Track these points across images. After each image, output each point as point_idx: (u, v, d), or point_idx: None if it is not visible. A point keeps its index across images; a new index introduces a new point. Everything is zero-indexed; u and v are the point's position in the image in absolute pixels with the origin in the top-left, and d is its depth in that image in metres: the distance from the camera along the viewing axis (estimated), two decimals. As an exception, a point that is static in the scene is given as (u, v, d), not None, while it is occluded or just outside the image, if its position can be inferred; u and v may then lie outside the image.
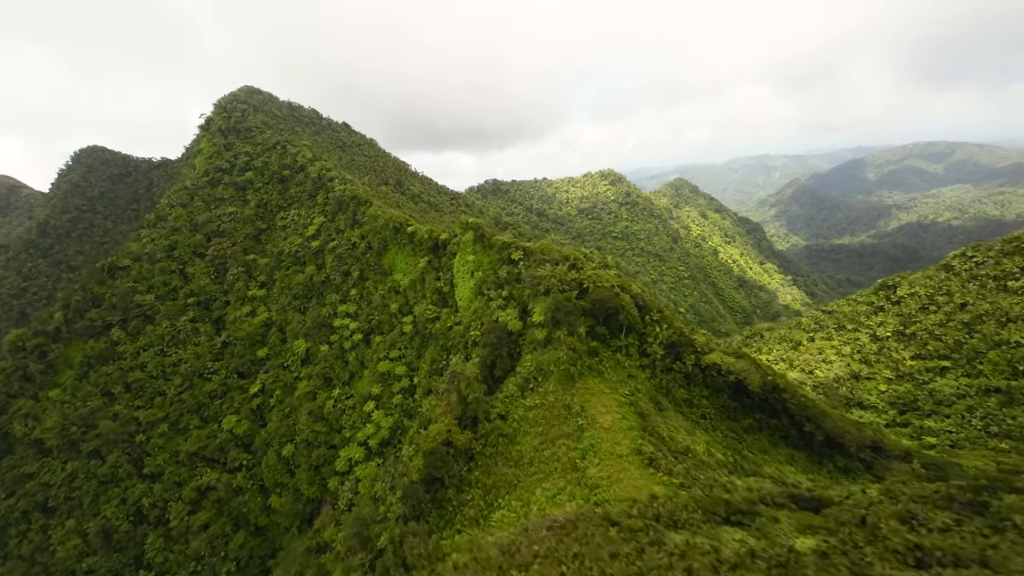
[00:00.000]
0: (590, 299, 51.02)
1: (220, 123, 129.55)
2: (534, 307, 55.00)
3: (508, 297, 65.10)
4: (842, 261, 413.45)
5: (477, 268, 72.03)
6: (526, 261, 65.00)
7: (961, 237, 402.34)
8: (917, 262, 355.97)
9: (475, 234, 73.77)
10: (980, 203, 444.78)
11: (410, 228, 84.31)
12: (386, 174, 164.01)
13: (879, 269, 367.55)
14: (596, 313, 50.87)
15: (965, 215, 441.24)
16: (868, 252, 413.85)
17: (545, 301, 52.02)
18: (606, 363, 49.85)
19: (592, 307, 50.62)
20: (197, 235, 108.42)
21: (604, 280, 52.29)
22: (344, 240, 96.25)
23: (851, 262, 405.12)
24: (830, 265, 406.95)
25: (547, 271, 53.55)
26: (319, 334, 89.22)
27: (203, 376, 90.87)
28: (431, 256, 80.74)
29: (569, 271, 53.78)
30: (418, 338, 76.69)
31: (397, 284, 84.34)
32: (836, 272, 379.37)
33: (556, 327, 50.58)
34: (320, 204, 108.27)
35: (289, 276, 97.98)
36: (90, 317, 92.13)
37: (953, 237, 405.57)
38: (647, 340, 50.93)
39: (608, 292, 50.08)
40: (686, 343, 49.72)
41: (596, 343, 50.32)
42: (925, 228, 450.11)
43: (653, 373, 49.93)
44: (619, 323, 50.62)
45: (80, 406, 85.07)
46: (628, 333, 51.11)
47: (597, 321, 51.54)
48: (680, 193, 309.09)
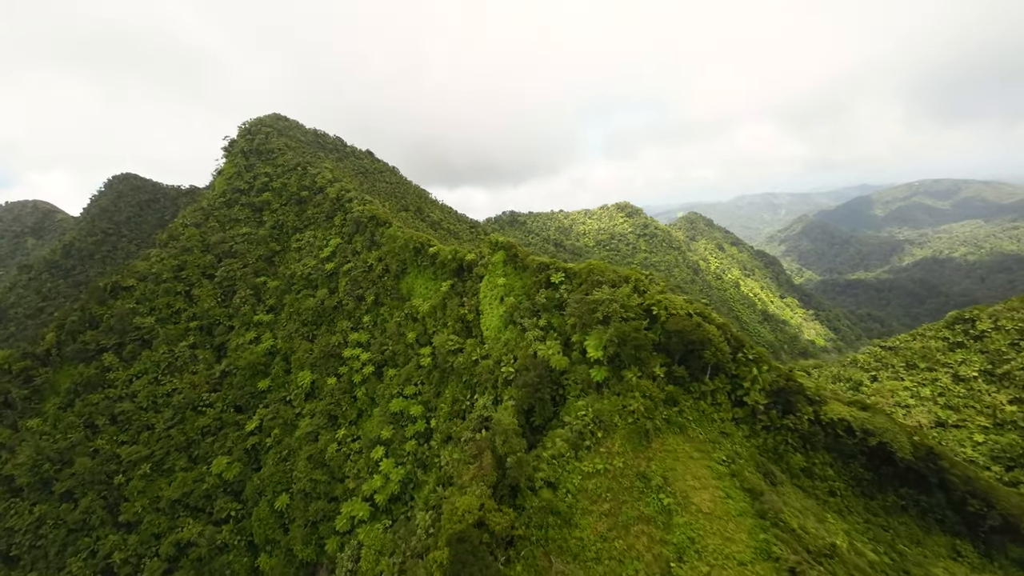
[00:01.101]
0: (664, 330, 38.31)
1: (243, 145, 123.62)
2: (587, 339, 42.42)
3: (547, 327, 52.67)
4: (860, 296, 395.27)
5: (508, 293, 60.14)
6: (569, 284, 52.96)
7: (980, 271, 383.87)
8: (937, 297, 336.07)
9: (506, 254, 62.35)
10: (995, 238, 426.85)
11: (432, 248, 73.44)
12: (407, 201, 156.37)
13: (898, 304, 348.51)
14: (672, 349, 38.08)
15: (981, 250, 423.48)
16: (885, 287, 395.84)
17: (603, 332, 39.49)
18: (689, 415, 36.58)
19: (667, 341, 37.84)
20: (208, 255, 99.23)
21: (679, 306, 39.74)
22: (360, 262, 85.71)
23: (869, 297, 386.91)
24: (848, 299, 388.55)
25: (605, 294, 41.27)
26: (326, 365, 77.06)
27: (197, 409, 78.63)
28: (454, 280, 69.27)
29: (632, 294, 41.38)
30: (437, 373, 64.00)
31: (415, 310, 72.59)
32: (855, 307, 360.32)
33: (620, 365, 37.73)
34: (337, 225, 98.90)
35: (299, 300, 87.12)
36: (83, 340, 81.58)
37: (972, 272, 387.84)
38: (740, 384, 37.66)
39: (687, 322, 37.44)
40: (795, 390, 36.30)
41: (673, 387, 37.23)
42: (941, 263, 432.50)
43: (753, 430, 36.40)
44: (703, 362, 37.62)
45: (60, 439, 73.09)
46: (715, 375, 37.99)
47: (673, 359, 38.64)
48: (695, 226, 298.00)
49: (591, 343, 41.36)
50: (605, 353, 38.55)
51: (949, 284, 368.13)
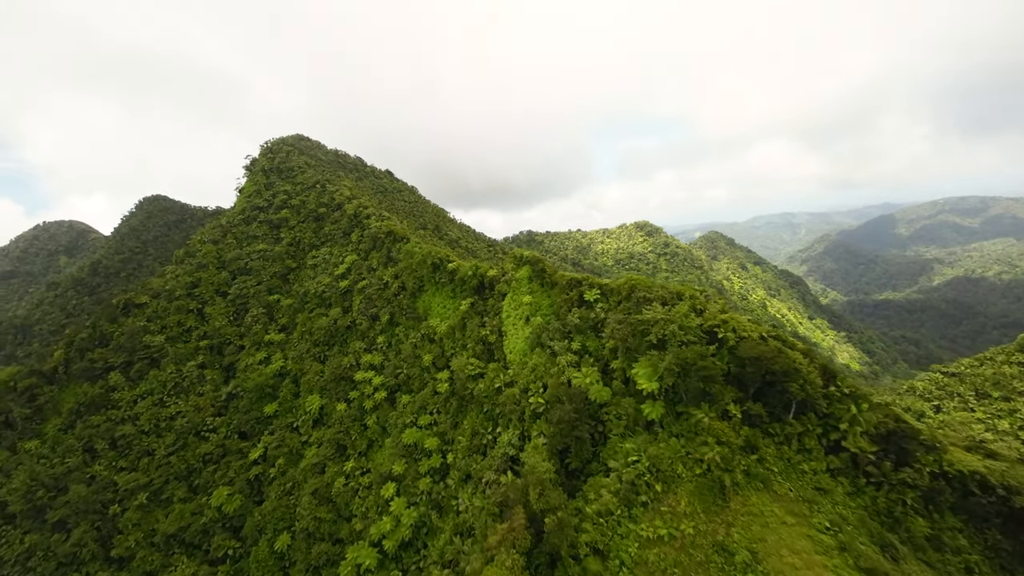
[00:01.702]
0: (734, 358, 31.06)
1: (264, 163, 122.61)
2: (634, 367, 35.34)
3: (581, 351, 45.71)
4: (891, 317, 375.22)
5: (534, 312, 53.57)
6: (606, 303, 46.18)
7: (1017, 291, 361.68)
8: (974, 318, 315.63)
9: (532, 270, 56.11)
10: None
11: (451, 264, 67.82)
12: (425, 219, 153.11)
13: (932, 325, 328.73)
14: (746, 380, 30.73)
15: (1016, 268, 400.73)
16: (917, 308, 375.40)
17: (657, 359, 32.44)
18: (772, 464, 28.86)
19: (739, 370, 30.55)
20: (223, 272, 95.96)
21: (749, 328, 32.54)
22: (375, 279, 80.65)
23: (900, 318, 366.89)
24: (878, 321, 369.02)
25: (658, 314, 34.30)
26: (337, 389, 71.05)
27: (200, 434, 73.17)
28: (475, 298, 63.18)
29: (690, 313, 34.31)
30: (455, 400, 57.17)
31: (432, 331, 66.47)
32: (886, 328, 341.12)
33: (678, 399, 30.46)
34: (354, 242, 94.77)
35: (312, 319, 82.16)
36: (91, 358, 77.77)
37: (1008, 291, 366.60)
38: (834, 426, 29.87)
39: (764, 347, 30.16)
40: (908, 434, 28.39)
41: (750, 429, 29.69)
42: (975, 283, 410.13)
43: (855, 485, 28.41)
44: (786, 397, 30.08)
45: (57, 463, 68.28)
46: (800, 413, 30.33)
47: (746, 393, 31.22)
48: (716, 245, 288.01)
49: (640, 372, 34.21)
50: (661, 384, 31.38)
51: (985, 304, 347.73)
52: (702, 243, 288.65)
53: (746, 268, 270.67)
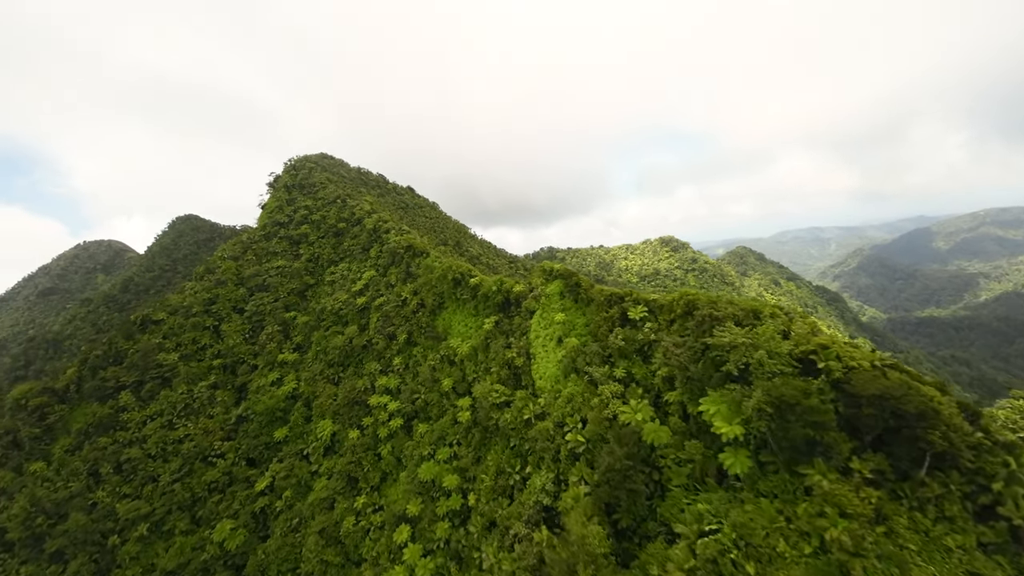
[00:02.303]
0: (844, 395, 23.74)
1: (287, 180, 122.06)
2: (702, 403, 28.25)
3: (626, 379, 38.74)
4: (936, 335, 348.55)
5: (568, 332, 47.01)
6: (655, 321, 39.32)
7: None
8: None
9: (564, 284, 49.83)
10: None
11: (473, 279, 62.27)
12: (446, 235, 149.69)
13: (982, 344, 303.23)
14: (860, 425, 23.27)
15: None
16: (965, 325, 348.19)
17: (742, 395, 25.32)
18: (906, 539, 21.07)
19: (852, 412, 23.18)
20: (241, 289, 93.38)
21: (858, 356, 25.23)
22: (393, 296, 75.86)
23: (947, 336, 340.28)
24: (922, 339, 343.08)
25: (737, 336, 27.32)
26: (350, 414, 65.53)
27: (207, 459, 68.56)
28: (499, 316, 57.10)
29: (776, 336, 27.16)
30: (477, 432, 50.54)
31: (453, 352, 60.52)
32: (932, 347, 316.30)
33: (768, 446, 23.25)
34: (373, 257, 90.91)
35: (327, 338, 77.64)
36: (103, 376, 75.04)
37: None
38: (984, 486, 21.93)
39: (886, 382, 22.72)
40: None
41: (874, 491, 22.08)
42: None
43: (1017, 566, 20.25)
44: (917, 448, 22.42)
45: (60, 487, 64.60)
46: (935, 469, 22.55)
47: (862, 441, 23.73)
48: (745, 261, 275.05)
49: (714, 409, 27.08)
50: (749, 428, 24.22)
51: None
52: (730, 259, 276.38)
53: (779, 284, 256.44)
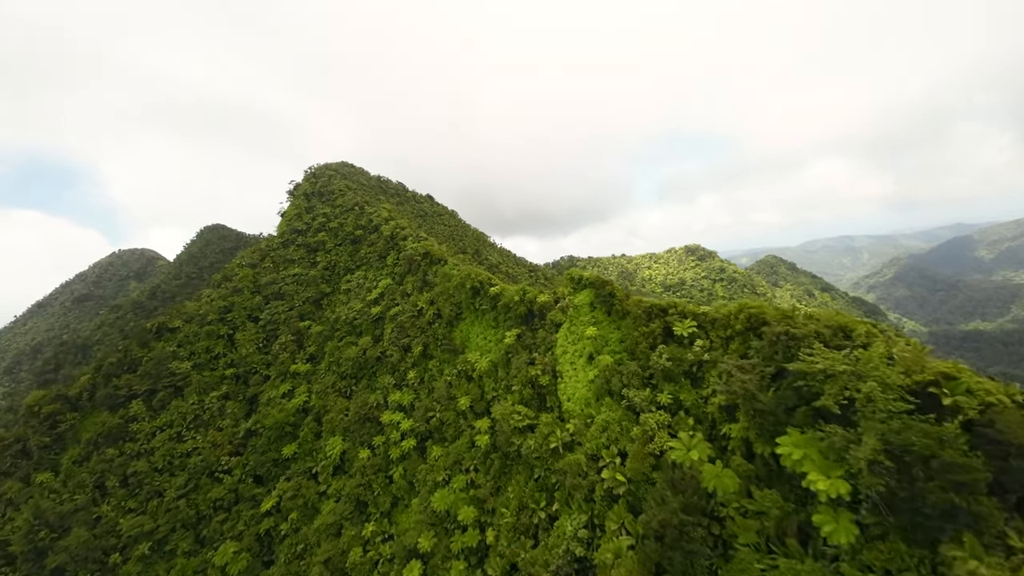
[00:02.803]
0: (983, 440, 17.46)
1: (306, 187, 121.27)
2: (789, 446, 22.22)
3: (673, 406, 32.85)
4: (982, 350, 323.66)
5: (600, 349, 41.44)
6: (706, 338, 33.42)
7: None
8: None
9: (596, 294, 44.40)
10: None
11: (493, 288, 57.47)
12: (465, 243, 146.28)
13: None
14: (1011, 482, 16.84)
15: None
16: (1015, 340, 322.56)
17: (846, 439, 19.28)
18: None
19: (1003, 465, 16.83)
20: (257, 297, 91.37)
21: (994, 389, 18.88)
22: (409, 305, 71.81)
23: (995, 352, 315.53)
24: (968, 354, 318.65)
25: (835, 362, 21.27)
26: (361, 431, 61.19)
27: (214, 475, 65.30)
28: (522, 328, 51.92)
29: (883, 364, 21.02)
30: (497, 459, 45.19)
31: (471, 367, 55.54)
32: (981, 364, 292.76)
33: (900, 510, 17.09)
34: (389, 265, 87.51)
35: (340, 349, 74.06)
36: (115, 384, 73.31)
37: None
38: None
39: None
40: None
41: None
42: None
43: None
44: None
45: (66, 500, 62.24)
46: None
47: (1003, 502, 17.28)
48: (776, 271, 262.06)
49: (799, 453, 21.11)
50: (860, 483, 18.18)
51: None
52: (759, 268, 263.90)
53: (813, 295, 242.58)
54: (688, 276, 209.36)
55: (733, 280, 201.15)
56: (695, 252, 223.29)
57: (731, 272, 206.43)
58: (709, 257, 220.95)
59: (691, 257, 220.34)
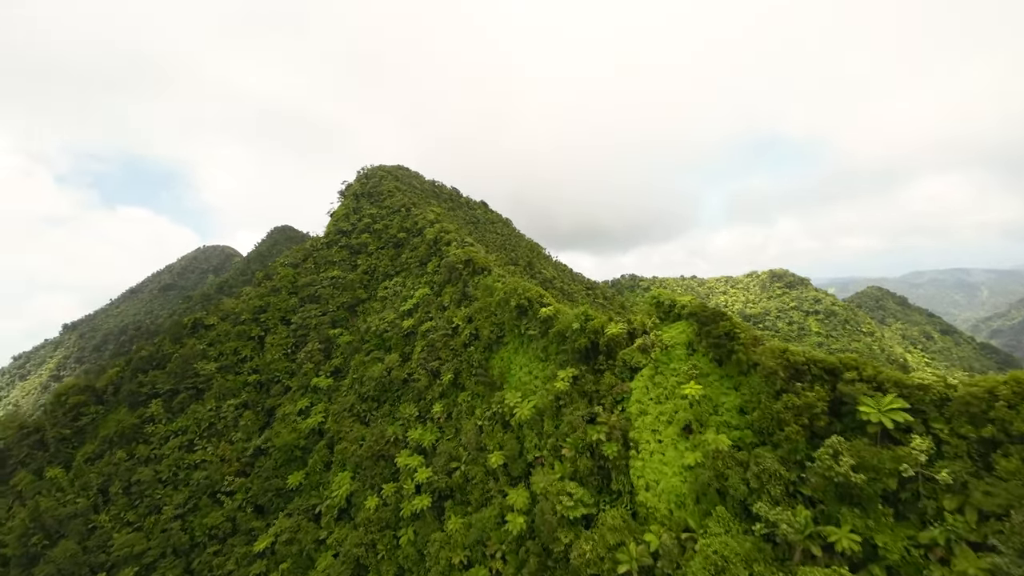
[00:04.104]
0: None
1: (356, 188, 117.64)
2: None
3: (859, 556, 17.23)
4: None
5: (705, 418, 26.72)
6: (926, 431, 17.61)
7: None
8: None
9: (698, 330, 29.72)
10: None
11: (545, 309, 44.48)
12: (517, 254, 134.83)
13: None
14: None
15: None
16: None
17: None
18: None
19: None
20: (293, 298, 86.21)
21: None
22: (443, 322, 60.94)
23: None
24: None
25: None
26: (373, 471, 50.47)
27: (215, 495, 58.05)
28: (580, 368, 38.23)
29: None
30: (535, 553, 31.51)
31: (508, 411, 42.57)
32: None
33: None
34: (429, 273, 78.02)
35: (366, 365, 64.88)
36: (140, 380, 69.92)
37: None
38: None
39: None
40: None
41: None
42: None
43: None
44: None
45: (68, 502, 57.90)
46: None
47: None
48: (882, 305, 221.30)
49: None
50: None
51: None
52: (861, 301, 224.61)
53: (931, 338, 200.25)
54: (773, 306, 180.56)
55: (832, 314, 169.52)
56: (782, 278, 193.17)
57: (828, 304, 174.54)
58: (800, 285, 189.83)
59: (777, 284, 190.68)
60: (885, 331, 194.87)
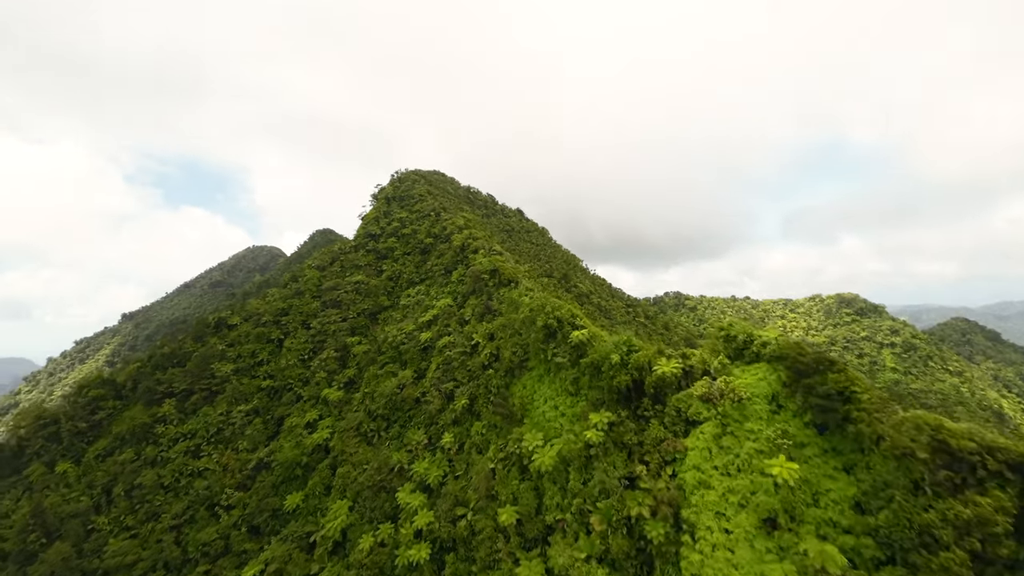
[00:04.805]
0: None
1: (389, 191, 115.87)
2: None
3: None
4: None
5: (799, 510, 18.61)
6: None
7: None
8: None
9: (789, 378, 21.49)
10: None
11: (577, 333, 37.29)
12: (552, 266, 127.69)
13: None
14: None
15: None
16: None
17: None
18: None
19: None
20: (315, 302, 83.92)
21: None
22: (462, 338, 55.03)
23: None
24: None
25: None
26: (372, 504, 44.85)
27: (213, 509, 54.63)
28: (619, 413, 30.69)
29: None
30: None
31: (526, 454, 35.47)
32: None
33: None
34: (454, 282, 72.91)
35: (379, 379, 60.12)
36: (158, 378, 69.03)
37: None
38: None
39: None
40: None
41: None
42: None
43: None
44: None
45: (72, 499, 56.63)
46: None
47: None
48: (969, 340, 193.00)
49: None
50: None
51: None
52: (944, 333, 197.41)
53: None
54: (840, 334, 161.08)
55: (911, 348, 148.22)
56: (851, 304, 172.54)
57: (908, 336, 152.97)
58: (873, 312, 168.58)
59: (845, 310, 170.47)
60: (974, 370, 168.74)
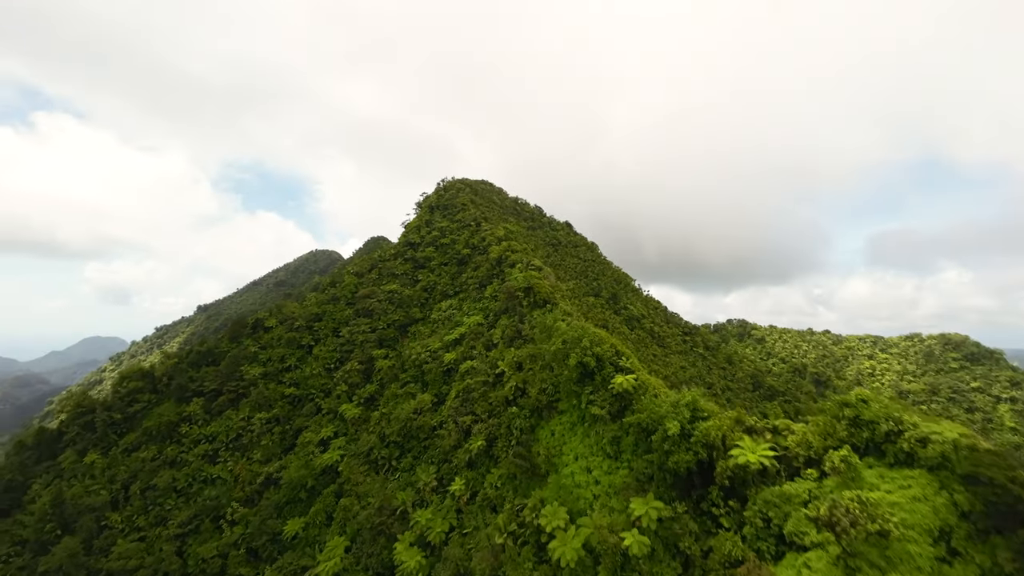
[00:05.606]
0: None
1: (433, 200, 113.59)
2: None
3: None
4: None
5: None
6: None
7: None
8: None
9: (979, 509, 12.22)
10: None
11: (622, 377, 29.15)
12: (600, 284, 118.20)
13: None
14: None
15: None
16: None
17: None
18: None
19: None
20: (348, 310, 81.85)
21: None
22: (486, 365, 48.38)
23: None
24: None
25: None
26: (371, 547, 38.98)
27: (217, 522, 51.81)
28: (675, 503, 22.29)
29: None
30: None
31: (548, 524, 27.67)
32: None
33: None
34: (487, 297, 66.99)
35: (398, 400, 55.11)
36: (191, 375, 69.23)
37: None
38: None
39: None
40: None
41: None
42: None
43: None
44: None
45: (93, 492, 56.38)
46: None
47: None
48: None
49: None
50: None
51: None
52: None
53: None
54: (944, 383, 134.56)
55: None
56: (959, 347, 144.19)
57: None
58: (987, 359, 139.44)
59: (952, 353, 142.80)
60: None
